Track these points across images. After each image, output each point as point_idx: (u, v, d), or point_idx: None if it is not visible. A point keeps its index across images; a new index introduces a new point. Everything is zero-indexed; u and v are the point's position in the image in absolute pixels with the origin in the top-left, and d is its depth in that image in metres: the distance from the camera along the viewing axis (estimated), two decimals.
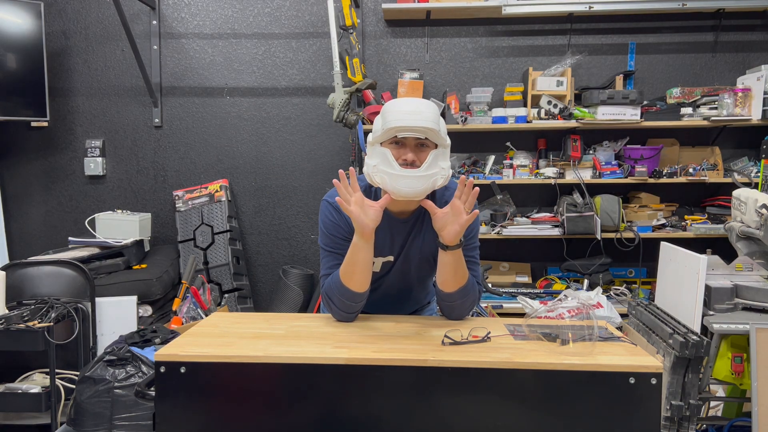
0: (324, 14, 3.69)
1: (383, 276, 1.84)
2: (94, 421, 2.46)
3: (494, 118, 3.53)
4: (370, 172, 1.68)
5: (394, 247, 1.80)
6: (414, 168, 1.63)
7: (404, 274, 1.84)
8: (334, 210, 1.77)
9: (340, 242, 1.76)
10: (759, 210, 2.21)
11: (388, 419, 1.43)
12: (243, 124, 3.92)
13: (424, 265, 1.82)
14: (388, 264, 1.82)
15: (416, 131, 1.62)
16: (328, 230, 1.77)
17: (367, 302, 1.77)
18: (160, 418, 1.44)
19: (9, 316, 2.63)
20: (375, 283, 1.81)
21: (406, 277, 1.85)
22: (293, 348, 1.50)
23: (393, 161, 1.63)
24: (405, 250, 1.80)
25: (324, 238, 1.79)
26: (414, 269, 1.84)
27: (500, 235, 3.52)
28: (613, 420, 1.39)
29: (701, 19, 3.75)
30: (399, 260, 1.82)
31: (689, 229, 3.49)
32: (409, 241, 1.79)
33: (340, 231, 1.76)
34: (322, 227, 1.80)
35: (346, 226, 1.75)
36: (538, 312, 1.98)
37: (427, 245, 1.78)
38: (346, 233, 1.75)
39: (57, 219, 3.97)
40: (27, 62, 3.62)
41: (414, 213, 1.78)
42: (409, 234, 1.79)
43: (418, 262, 1.82)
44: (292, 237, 3.96)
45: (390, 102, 1.69)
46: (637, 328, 2.39)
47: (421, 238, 1.79)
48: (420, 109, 1.63)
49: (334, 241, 1.77)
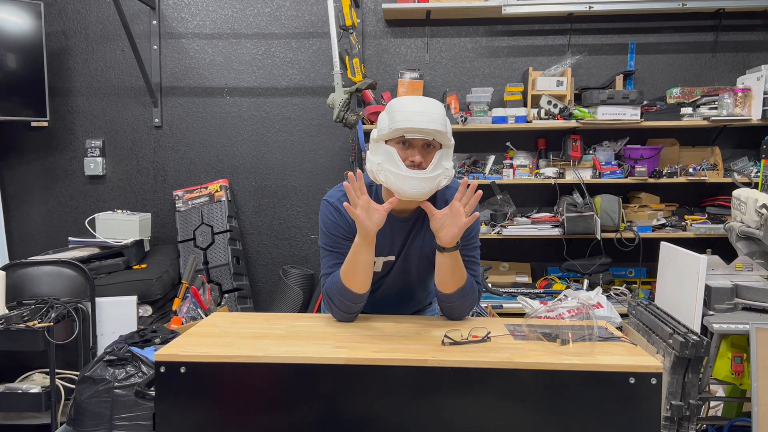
0: (324, 14, 3.69)
1: (384, 276, 1.84)
2: (94, 421, 2.47)
3: (494, 118, 3.52)
4: (373, 169, 1.67)
5: (394, 246, 1.80)
6: (420, 169, 1.63)
7: (405, 274, 1.84)
8: (334, 210, 1.77)
9: (340, 242, 1.76)
10: (759, 210, 2.21)
11: (388, 419, 1.43)
12: (243, 124, 3.92)
13: (424, 263, 1.82)
14: (389, 263, 1.82)
15: (425, 133, 1.61)
16: (329, 230, 1.77)
17: (369, 302, 1.77)
18: (160, 418, 1.44)
19: (9, 316, 2.63)
20: (376, 283, 1.81)
21: (407, 277, 1.85)
22: (293, 348, 1.50)
23: (399, 161, 1.62)
24: (405, 249, 1.80)
25: (324, 237, 1.79)
26: (414, 268, 1.83)
27: (500, 235, 3.52)
28: (613, 420, 1.39)
29: (701, 19, 3.75)
30: (399, 259, 1.82)
31: (689, 229, 3.49)
32: (410, 240, 1.79)
33: (341, 231, 1.76)
34: (322, 227, 1.80)
35: (346, 226, 1.75)
36: (538, 312, 1.98)
37: (427, 244, 1.78)
38: (347, 233, 1.75)
39: (57, 219, 3.97)
40: (27, 62, 3.62)
41: (414, 212, 1.78)
42: (409, 233, 1.79)
43: (418, 260, 1.81)
44: (292, 237, 3.96)
45: (397, 100, 1.67)
46: (637, 328, 2.39)
47: (422, 238, 1.79)
48: (428, 110, 1.61)
49: (335, 240, 1.77)
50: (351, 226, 1.73)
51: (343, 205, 1.68)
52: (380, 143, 1.67)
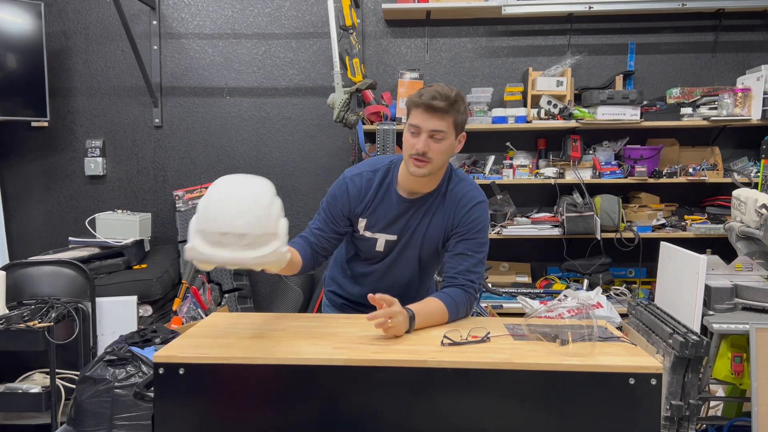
0: (324, 14, 3.69)
1: (385, 256, 1.88)
2: (94, 421, 2.47)
3: (494, 118, 3.52)
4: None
5: (397, 226, 1.84)
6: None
7: (405, 257, 1.88)
8: (344, 186, 1.85)
9: (336, 214, 1.85)
10: (759, 210, 2.21)
11: (388, 420, 1.43)
12: (243, 124, 3.92)
13: (426, 247, 1.86)
14: (391, 242, 1.86)
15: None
16: (329, 198, 1.88)
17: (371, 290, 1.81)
18: (159, 420, 1.44)
19: (9, 316, 2.63)
20: (376, 263, 1.88)
21: (407, 260, 1.88)
22: (293, 348, 1.50)
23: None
24: (409, 232, 1.84)
25: (326, 203, 1.89)
26: (416, 252, 1.87)
27: (500, 235, 3.52)
28: (613, 420, 1.39)
29: (701, 19, 3.74)
30: (402, 240, 1.85)
31: (689, 229, 3.49)
32: (414, 221, 1.83)
33: (343, 208, 1.84)
34: (329, 194, 1.89)
35: (347, 206, 1.84)
36: (537, 312, 1.98)
37: (431, 231, 1.83)
38: (346, 212, 1.85)
39: (57, 219, 3.97)
40: (27, 62, 3.61)
41: (424, 196, 1.82)
42: (414, 214, 1.83)
43: (420, 244, 1.85)
44: (292, 237, 3.95)
45: (209, 194, 1.55)
46: (637, 328, 2.39)
47: (427, 222, 1.83)
48: (237, 212, 1.52)
49: (332, 211, 1.86)
50: (353, 209, 1.83)
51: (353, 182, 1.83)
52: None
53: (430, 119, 1.68)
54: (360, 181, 1.84)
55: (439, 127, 1.68)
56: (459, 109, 1.71)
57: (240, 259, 1.42)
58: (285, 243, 1.51)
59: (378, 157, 1.94)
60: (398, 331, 1.58)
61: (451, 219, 1.81)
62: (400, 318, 1.57)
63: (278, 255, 1.48)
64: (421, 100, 1.68)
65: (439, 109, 1.67)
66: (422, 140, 1.68)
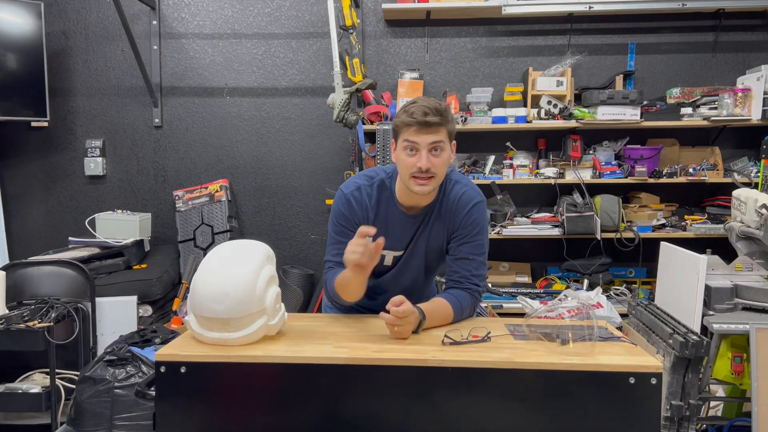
0: (324, 14, 3.69)
1: (391, 268, 1.90)
2: (94, 421, 2.47)
3: (494, 118, 3.52)
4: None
5: (403, 241, 1.86)
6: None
7: (411, 267, 1.90)
8: (346, 202, 1.83)
9: (348, 233, 1.78)
10: (759, 210, 2.21)
11: (389, 419, 1.43)
12: (243, 124, 3.92)
13: (430, 255, 1.88)
14: (398, 257, 1.89)
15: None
16: (338, 220, 1.84)
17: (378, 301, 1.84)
18: (160, 418, 1.45)
19: (9, 316, 2.63)
20: (386, 274, 1.89)
21: (413, 270, 1.91)
22: (293, 348, 1.50)
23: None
24: (413, 244, 1.86)
25: (333, 226, 1.86)
26: (421, 261, 1.89)
27: (500, 235, 3.52)
28: (613, 420, 1.39)
29: (701, 19, 3.74)
30: (407, 253, 1.87)
31: (689, 229, 3.49)
32: (417, 234, 1.85)
33: (350, 223, 1.82)
34: (332, 216, 1.86)
35: (355, 219, 1.82)
36: (538, 312, 1.98)
37: (433, 238, 1.85)
38: (355, 225, 1.79)
39: (57, 219, 3.97)
40: (27, 62, 3.61)
41: (424, 209, 1.83)
42: (417, 228, 1.85)
43: (424, 253, 1.87)
44: (292, 237, 3.96)
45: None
46: (637, 328, 2.39)
47: (428, 231, 1.84)
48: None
49: (342, 231, 1.82)
50: (360, 221, 1.79)
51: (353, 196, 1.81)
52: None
53: (426, 135, 1.68)
54: (359, 195, 1.83)
55: (438, 138, 1.69)
56: (450, 119, 1.72)
57: (226, 340, 1.50)
58: (274, 315, 1.55)
59: (369, 170, 1.91)
60: (406, 333, 1.59)
61: (451, 222, 1.83)
62: (411, 318, 1.59)
63: (265, 330, 1.54)
64: (414, 119, 1.66)
65: (433, 124, 1.67)
66: (423, 157, 1.67)
